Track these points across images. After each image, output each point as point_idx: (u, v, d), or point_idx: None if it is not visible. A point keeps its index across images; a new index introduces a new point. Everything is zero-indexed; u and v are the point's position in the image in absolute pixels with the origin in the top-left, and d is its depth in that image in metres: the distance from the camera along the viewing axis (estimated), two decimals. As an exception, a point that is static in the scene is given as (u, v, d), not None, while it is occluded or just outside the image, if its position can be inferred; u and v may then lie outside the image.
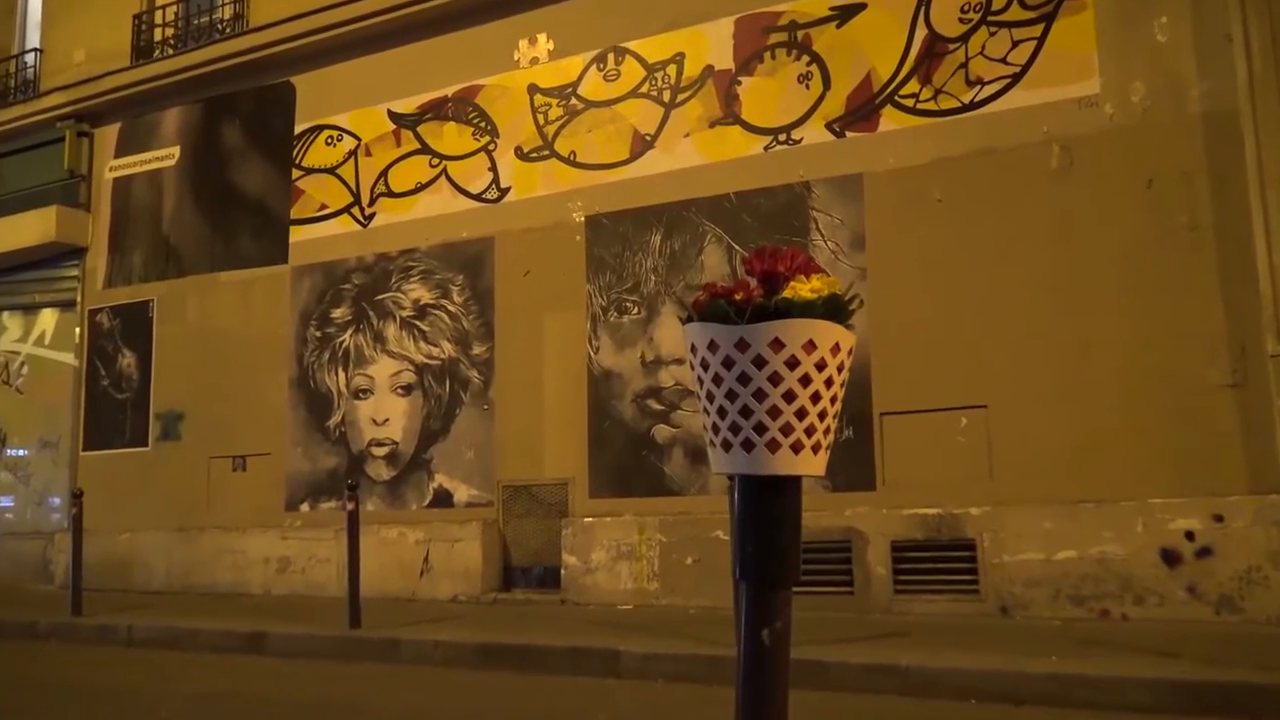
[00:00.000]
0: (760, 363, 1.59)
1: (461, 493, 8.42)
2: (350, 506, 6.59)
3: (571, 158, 8.28)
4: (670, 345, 7.65)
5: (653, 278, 7.80)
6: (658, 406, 7.64)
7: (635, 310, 7.84)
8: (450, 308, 8.65)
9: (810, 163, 7.29)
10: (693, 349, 1.75)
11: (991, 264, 6.68)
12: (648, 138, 7.98)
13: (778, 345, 1.60)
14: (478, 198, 8.66)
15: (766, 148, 7.49)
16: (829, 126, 7.28)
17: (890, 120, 7.08)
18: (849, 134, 7.22)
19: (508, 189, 8.54)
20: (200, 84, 10.33)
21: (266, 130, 9.93)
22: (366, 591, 7.67)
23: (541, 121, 8.46)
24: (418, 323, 8.78)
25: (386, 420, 8.84)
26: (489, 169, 8.65)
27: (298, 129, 9.71)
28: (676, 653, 5.12)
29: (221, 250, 10.05)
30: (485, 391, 8.42)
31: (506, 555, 8.21)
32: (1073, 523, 6.17)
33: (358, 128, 9.38)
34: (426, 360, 8.70)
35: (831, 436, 1.64)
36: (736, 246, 7.44)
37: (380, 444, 8.85)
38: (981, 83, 6.84)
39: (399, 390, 8.82)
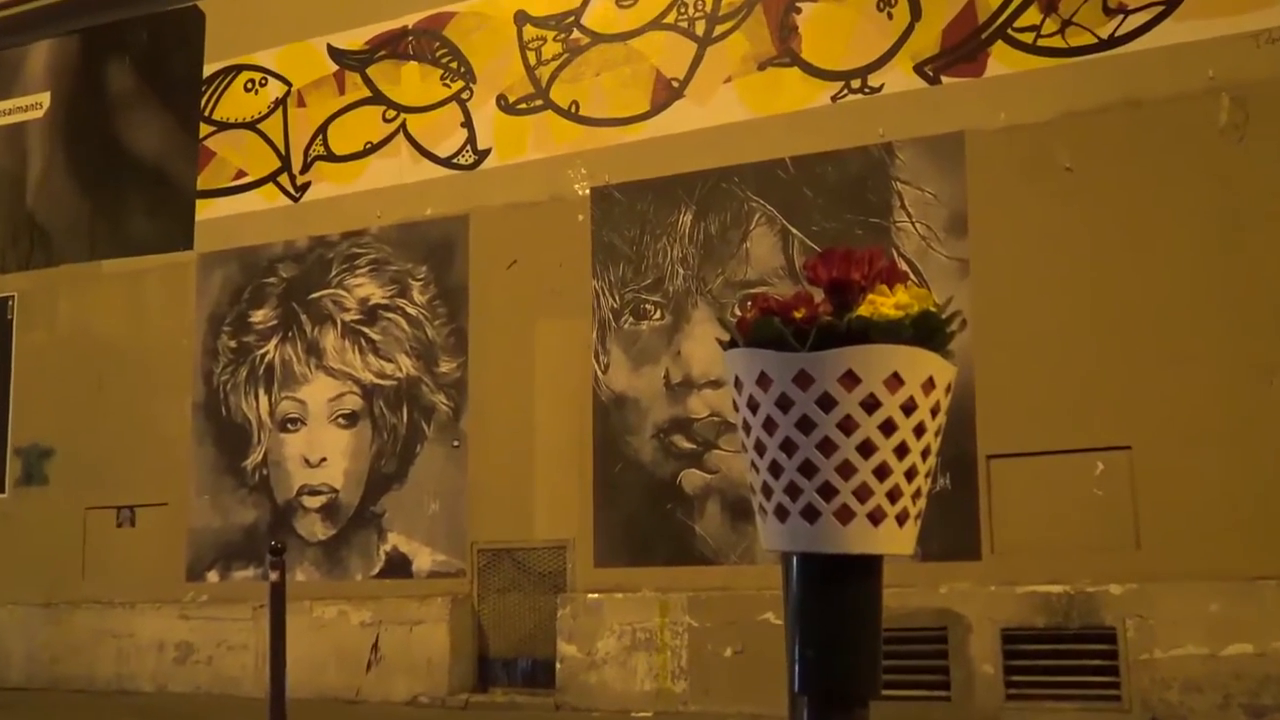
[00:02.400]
0: (828, 403, 1.61)
1: (423, 558, 8.43)
2: (274, 576, 6.58)
3: (573, 110, 8.31)
4: (704, 361, 7.65)
5: (681, 271, 7.81)
6: (687, 445, 7.64)
7: (657, 314, 7.85)
8: (410, 310, 8.69)
9: (894, 118, 7.30)
10: (737, 383, 1.77)
11: (1137, 257, 6.65)
12: (675, 84, 8.01)
13: (851, 380, 1.61)
14: (447, 163, 8.70)
15: (835, 97, 7.50)
16: (919, 69, 7.29)
17: (1001, 61, 7.08)
18: (945, 79, 7.22)
19: (487, 151, 8.57)
20: (78, 10, 10.40)
21: (165, 72, 9.99)
22: (295, 690, 7.66)
23: (533, 62, 8.49)
24: (366, 330, 8.82)
25: (323, 460, 8.87)
26: (462, 124, 8.68)
27: (207, 70, 9.77)
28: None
29: (104, 232, 10.12)
30: (455, 423, 8.43)
31: (483, 643, 8.21)
32: (1249, 605, 6.12)
33: (287, 69, 9.45)
34: (377, 380, 8.73)
35: (923, 502, 1.66)
36: (794, 231, 7.45)
37: (315, 492, 8.87)
38: (1125, 11, 6.83)
39: (340, 420, 8.85)
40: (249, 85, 9.59)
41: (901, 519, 1.66)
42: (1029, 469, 6.73)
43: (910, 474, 1.65)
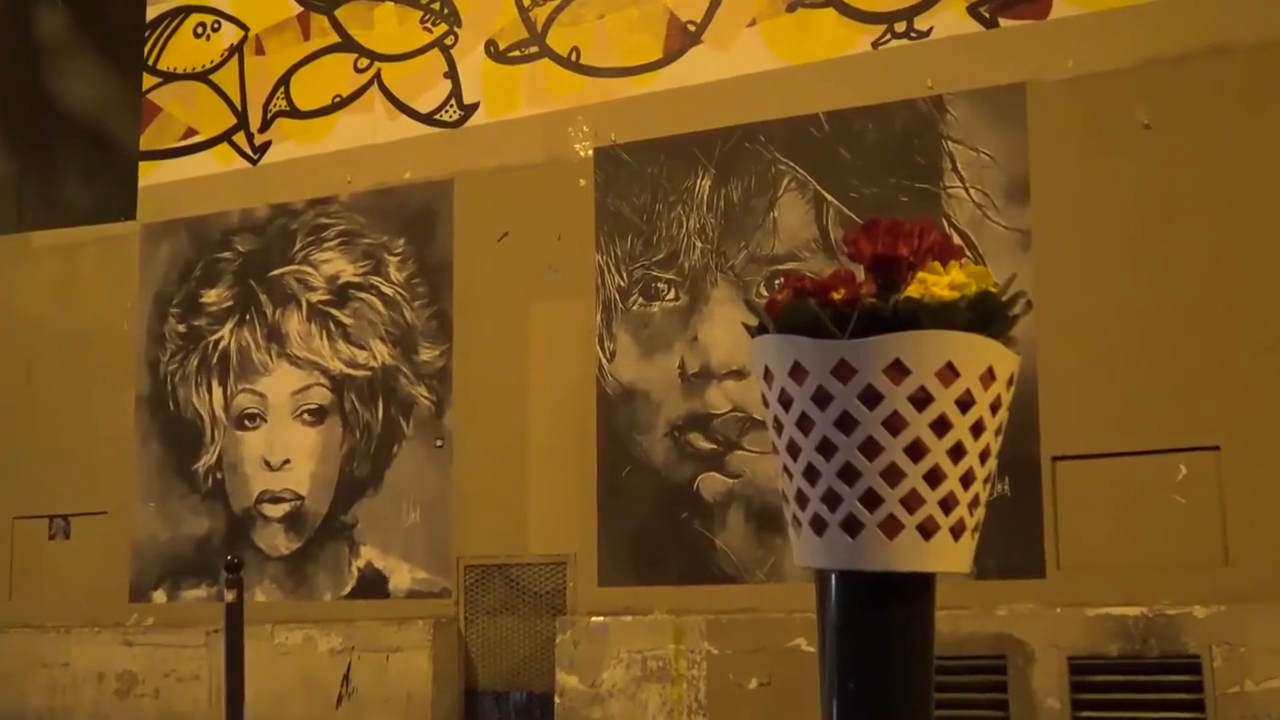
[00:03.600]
0: (872, 398, 1.61)
1: (401, 576, 8.46)
2: (230, 596, 6.60)
3: (573, 58, 8.31)
4: (726, 348, 7.66)
5: (698, 244, 7.81)
6: (705, 444, 7.65)
7: (671, 294, 7.86)
8: (385, 289, 8.70)
9: (944, 66, 7.29)
10: (765, 374, 1.77)
11: (1227, 228, 6.65)
12: (691, 27, 8.00)
13: (899, 371, 1.62)
14: (428, 119, 8.70)
15: (876, 43, 7.49)
16: (973, 11, 7.28)
17: (1069, 0, 7.07)
18: (1004, 22, 7.21)
19: (474, 106, 8.58)
20: (3, -57, 10.43)
21: (102, 13, 10.00)
22: (254, 727, 7.70)
23: (527, 3, 8.49)
24: (335, 312, 8.84)
25: (286, 463, 8.90)
26: (445, 75, 8.69)
27: (151, 12, 9.79)
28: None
29: (33, 198, 10.13)
30: (438, 419, 8.45)
31: (471, 673, 8.23)
32: (1354, 631, 6.12)
33: (244, 11, 9.45)
34: (348, 370, 8.75)
35: (980, 512, 1.66)
36: (829, 197, 7.44)
37: (277, 499, 8.90)
38: (1213, -57, 6.82)
39: (305, 416, 8.87)
40: (199, 30, 9.60)
41: (957, 531, 1.66)
42: (1100, 473, 6.73)
43: (967, 479, 1.65)
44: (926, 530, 1.66)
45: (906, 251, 1.75)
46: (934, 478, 1.65)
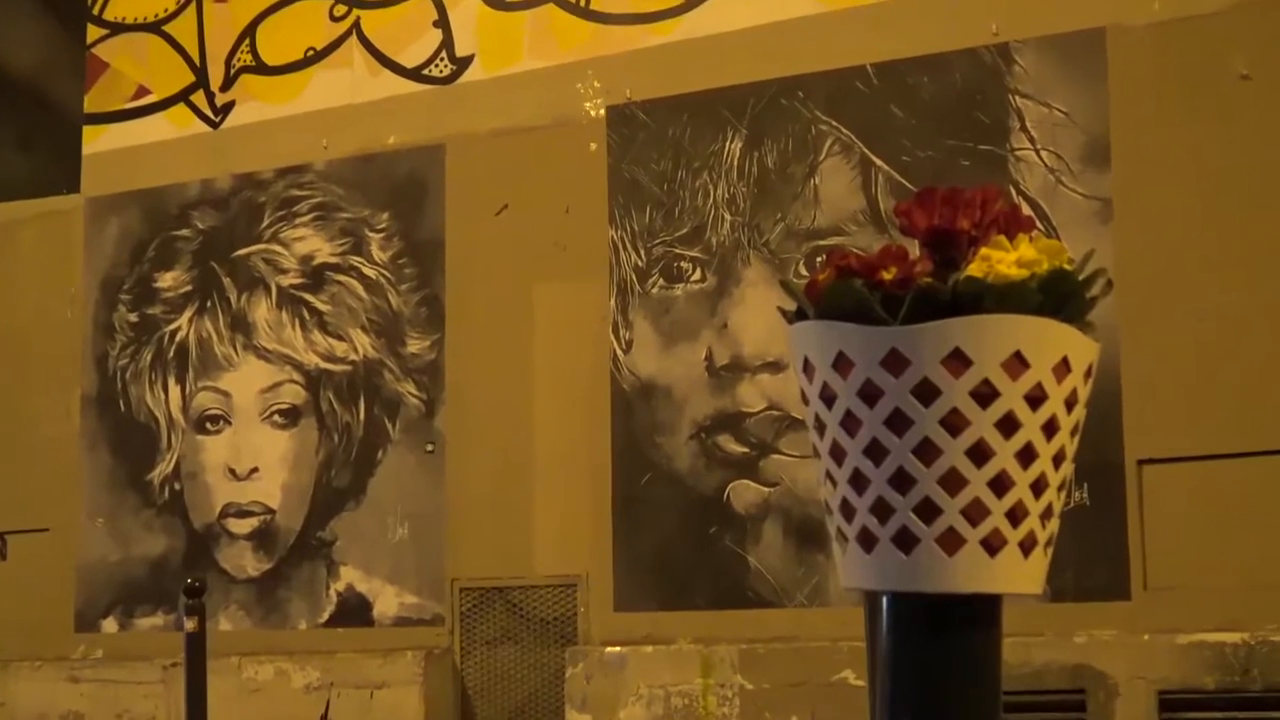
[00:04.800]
0: (929, 393, 1.61)
1: (387, 600, 8.48)
2: (190, 625, 6.62)
3: (582, 4, 8.31)
4: (760, 336, 7.66)
5: (727, 217, 7.82)
6: (737, 448, 7.66)
7: (696, 275, 7.86)
8: (367, 271, 8.72)
9: (1011, 10, 7.29)
10: (805, 366, 1.77)
11: (1340, 192, 6.63)
12: (718, -34, 8.00)
13: (960, 362, 1.62)
14: (416, 75, 8.71)
15: (932, -17, 7.49)
16: (1045, -56, 7.27)
17: (1156, -67, 7.06)
18: (1081, -42, 7.20)
19: (469, 60, 8.59)
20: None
21: (41, -44, 10.03)
22: (219, 775, 7.73)
23: (528, -62, 8.50)
24: (309, 298, 8.86)
25: (254, 471, 8.92)
26: (435, 24, 8.70)
27: (96, -46, 9.82)
28: None
29: (-37, 169, 10.17)
30: (429, 420, 8.47)
31: (468, 712, 8.25)
32: None
33: (202, -49, 9.47)
34: (324, 364, 8.77)
35: (1054, 525, 1.66)
36: (878, 162, 7.44)
37: (244, 513, 8.93)
38: None
39: (276, 418, 8.89)
40: (152, -26, 9.63)
41: (1027, 547, 1.66)
42: (1194, 478, 6.73)
43: (1038, 487, 1.65)
44: (992, 545, 1.66)
45: (968, 224, 1.75)
46: (1000, 485, 1.65)
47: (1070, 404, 1.70)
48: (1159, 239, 6.88)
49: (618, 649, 7.69)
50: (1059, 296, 1.67)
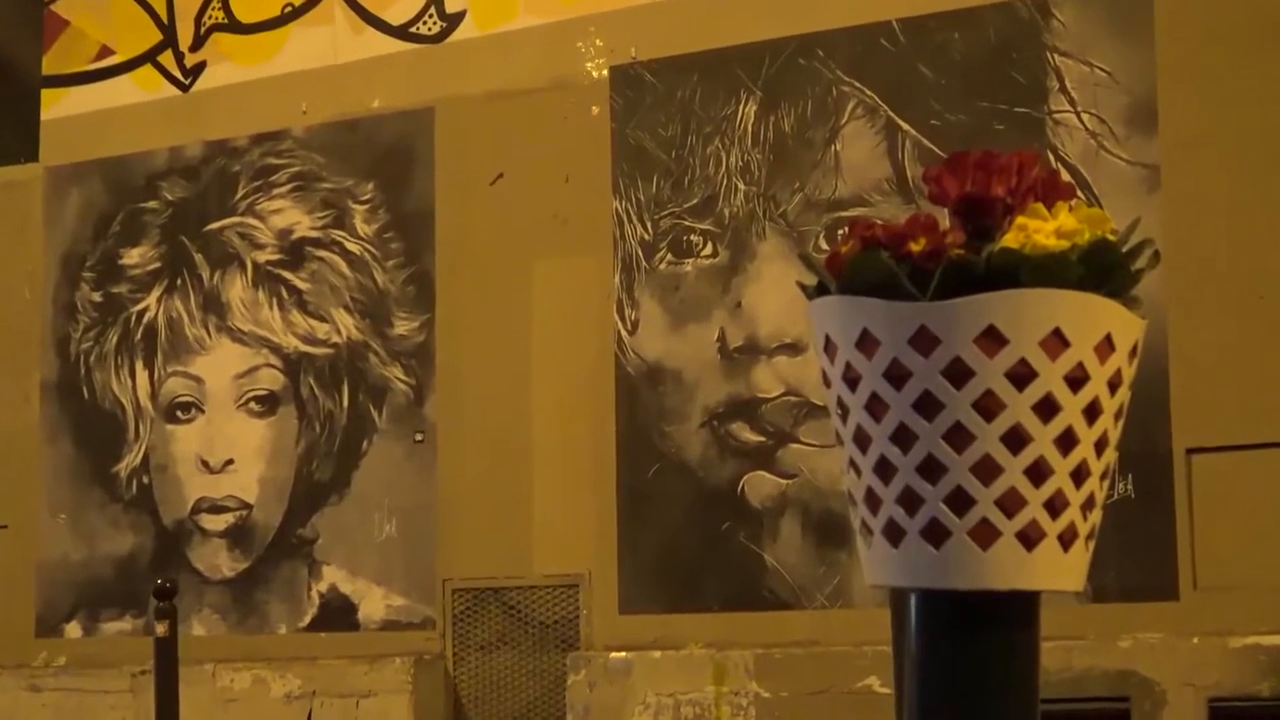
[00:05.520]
0: (961, 374, 1.62)
1: (374, 602, 8.49)
2: (161, 629, 6.63)
3: (583, -46, 8.31)
4: (777, 315, 7.66)
5: (741, 186, 7.81)
6: (752, 437, 7.66)
7: (708, 249, 7.86)
8: (350, 246, 8.72)
9: (1049, -40, 7.27)
10: (827, 346, 1.78)
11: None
12: (731, -87, 7.99)
13: (994, 341, 1.62)
14: (402, 33, 8.70)
15: (963, -69, 7.48)
16: (1086, -111, 7.26)
17: (1207, -125, 7.05)
18: (1125, -97, 7.19)
19: (460, 15, 8.57)
20: None
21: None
22: (193, 792, 7.75)
23: (524, -117, 8.49)
24: (288, 275, 8.87)
25: (229, 464, 8.93)
26: (423, -23, 8.69)
27: (55, -98, 9.81)
28: None
29: (-89, 136, 10.17)
30: (418, 408, 8.48)
31: (460, 723, 8.26)
32: None
33: (170, -102, 9.46)
34: (304, 347, 8.78)
35: (1096, 517, 1.66)
36: (905, 126, 7.44)
37: (218, 508, 8.94)
38: None
39: (252, 405, 8.90)
40: (115, -77, 9.62)
41: (1067, 540, 1.67)
42: (1248, 469, 6.74)
43: (1079, 475, 1.66)
44: (1029, 538, 1.66)
45: (1002, 191, 1.75)
46: (1038, 473, 1.66)
47: (1114, 386, 1.70)
48: (1210, 208, 6.87)
49: (623, 654, 7.71)
50: (1101, 269, 1.67)
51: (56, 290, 9.56)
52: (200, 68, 9.28)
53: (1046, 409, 1.63)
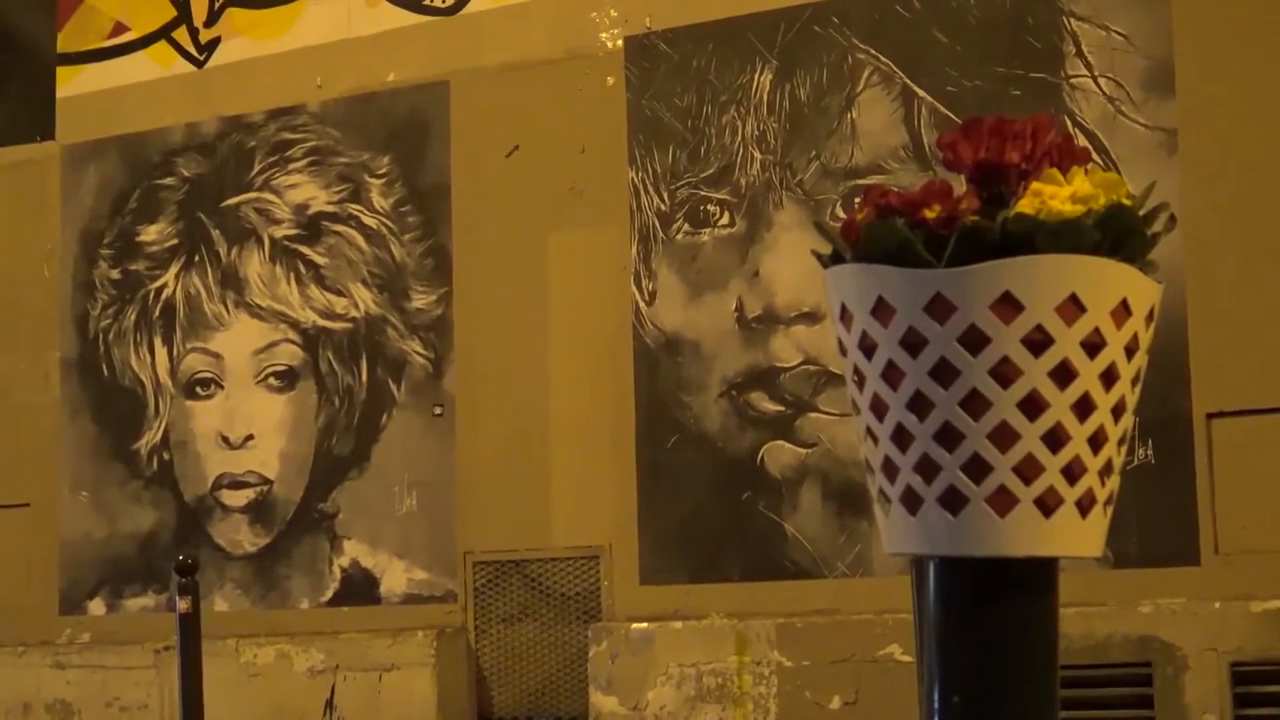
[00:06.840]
0: (977, 341, 1.61)
1: (395, 576, 8.51)
2: (184, 605, 6.64)
3: (596, -76, 8.29)
4: (794, 284, 7.65)
5: (757, 155, 7.80)
6: (771, 407, 7.66)
7: (724, 219, 7.85)
8: (367, 220, 8.71)
9: (1064, -76, 7.24)
10: (843, 314, 1.78)
11: None
12: (743, -120, 7.96)
13: (1010, 307, 1.62)
14: (417, 5, 8.69)
15: (977, -104, 7.45)
16: None
17: None
18: None
19: (473, -12, 8.56)
20: None
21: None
22: (218, 767, 7.77)
23: None
24: (305, 250, 8.87)
25: (249, 439, 8.94)
26: (436, -51, 8.68)
27: (67, -121, 9.80)
28: None
29: (-73, 116, 10.18)
30: (436, 381, 8.48)
31: (484, 696, 8.28)
32: None
33: (182, -126, 9.45)
34: (323, 322, 8.78)
35: (1115, 482, 1.66)
36: (920, 93, 7.42)
37: (238, 484, 8.95)
38: None
39: (271, 381, 8.91)
40: (127, -100, 9.61)
41: (1084, 506, 1.66)
42: (1268, 433, 6.73)
43: (1096, 441, 1.66)
44: (1047, 505, 1.66)
45: (1018, 157, 1.75)
46: (1055, 439, 1.66)
47: (1130, 351, 1.70)
48: (1228, 172, 6.85)
49: (644, 625, 7.72)
50: (1117, 234, 1.66)
51: (75, 268, 9.57)
52: (215, 43, 9.27)
53: (1063, 375, 1.62)
